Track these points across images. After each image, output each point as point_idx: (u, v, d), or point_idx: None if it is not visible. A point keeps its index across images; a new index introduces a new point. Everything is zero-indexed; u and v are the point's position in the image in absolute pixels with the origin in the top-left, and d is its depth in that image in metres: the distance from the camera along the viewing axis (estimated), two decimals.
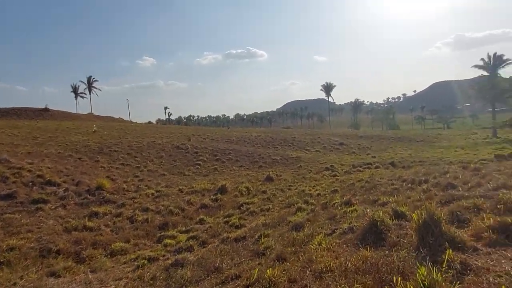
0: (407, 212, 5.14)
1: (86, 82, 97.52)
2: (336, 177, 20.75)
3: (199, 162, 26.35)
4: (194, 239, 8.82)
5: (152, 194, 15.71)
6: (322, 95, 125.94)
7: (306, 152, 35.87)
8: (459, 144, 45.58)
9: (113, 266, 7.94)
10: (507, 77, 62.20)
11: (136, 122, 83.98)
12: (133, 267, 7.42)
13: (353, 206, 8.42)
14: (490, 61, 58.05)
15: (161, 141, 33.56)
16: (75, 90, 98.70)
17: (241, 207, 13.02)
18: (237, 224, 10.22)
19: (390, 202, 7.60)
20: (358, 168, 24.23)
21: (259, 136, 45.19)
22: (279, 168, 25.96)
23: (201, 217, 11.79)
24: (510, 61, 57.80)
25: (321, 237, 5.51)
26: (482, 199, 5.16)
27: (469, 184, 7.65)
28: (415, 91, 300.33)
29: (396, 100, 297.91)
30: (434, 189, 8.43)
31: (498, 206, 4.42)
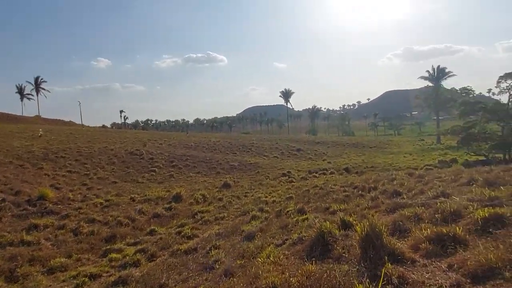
0: (355, 222, 5.20)
1: (33, 83, 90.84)
2: (293, 183, 21.01)
3: (154, 168, 25.45)
4: (142, 252, 8.36)
5: (101, 203, 14.83)
6: (282, 101, 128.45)
7: (264, 158, 36.10)
8: (408, 150, 48.50)
9: (50, 285, 7.27)
10: (449, 88, 67.57)
11: (88, 126, 79.59)
12: (72, 286, 6.85)
13: (306, 214, 8.48)
14: (435, 73, 62.67)
15: (114, 146, 32.02)
16: (20, 91, 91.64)
17: (196, 216, 12.66)
18: (189, 234, 9.87)
19: (340, 210, 7.73)
20: (314, 174, 24.79)
21: (218, 142, 44.78)
22: (237, 174, 25.82)
23: (153, 227, 11.27)
24: (451, 74, 62.88)
25: (270, 248, 5.41)
26: (423, 207, 5.37)
27: (413, 192, 8.02)
28: (368, 99, 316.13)
29: (351, 107, 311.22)
30: (382, 196, 8.74)
31: (436, 216, 4.60)
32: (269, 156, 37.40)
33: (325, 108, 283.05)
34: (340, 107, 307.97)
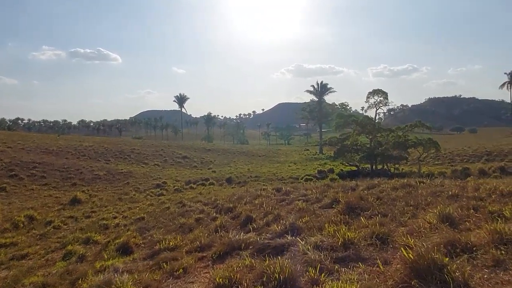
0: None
1: None
2: (161, 196, 18.17)
3: None
4: None
5: None
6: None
7: (143, 166, 32.14)
8: (294, 159, 50.24)
9: None
10: (331, 103, 73.97)
11: None
12: None
13: (125, 256, 5.95)
14: (318, 88, 67.56)
15: None
16: None
17: None
18: None
19: (168, 249, 5.40)
20: (192, 185, 22.34)
21: (91, 147, 38.63)
22: (99, 186, 21.62)
23: None
24: (333, 90, 68.71)
25: None
26: (251, 259, 3.41)
27: (268, 217, 6.23)
28: (263, 109, 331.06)
29: (247, 116, 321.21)
30: (232, 222, 6.78)
31: None
32: (149, 164, 33.54)
33: (222, 116, 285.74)
34: (236, 116, 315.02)
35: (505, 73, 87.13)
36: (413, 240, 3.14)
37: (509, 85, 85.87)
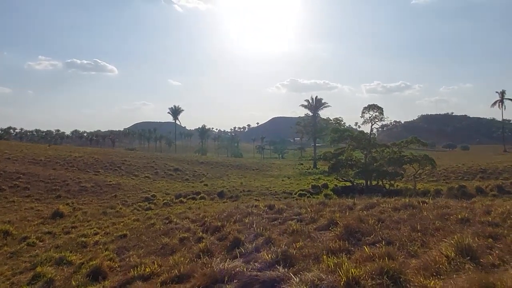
0: None
1: None
2: (150, 210, 17.40)
3: None
4: None
5: None
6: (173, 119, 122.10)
7: (133, 178, 31.25)
8: (287, 173, 49.55)
9: None
10: (325, 118, 73.95)
11: None
12: None
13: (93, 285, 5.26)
14: (313, 103, 67.59)
15: None
16: None
17: None
18: None
19: (142, 277, 4.72)
20: (182, 199, 21.55)
21: (80, 157, 37.67)
22: (85, 199, 20.74)
23: None
24: (327, 105, 68.78)
25: None
26: None
27: (259, 241, 5.59)
28: (258, 123, 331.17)
29: (242, 130, 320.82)
30: (218, 244, 6.13)
31: None
32: (139, 176, 32.65)
33: (216, 129, 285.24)
34: (231, 129, 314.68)
35: (496, 92, 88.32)
36: (432, 281, 2.56)
37: (500, 103, 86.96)
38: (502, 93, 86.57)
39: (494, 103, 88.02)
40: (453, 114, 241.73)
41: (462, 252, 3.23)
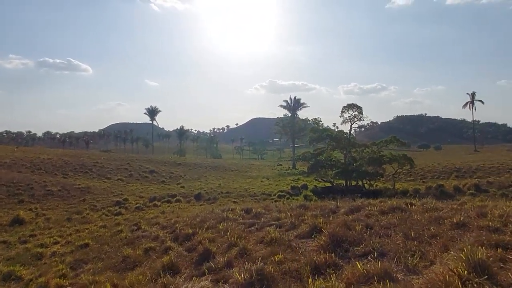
0: None
1: None
2: (120, 215, 16.30)
3: None
4: None
5: None
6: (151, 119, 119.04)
7: (105, 181, 29.76)
8: (266, 174, 49.00)
9: None
10: (304, 118, 74.07)
11: None
12: None
13: None
14: (292, 103, 67.48)
15: None
16: None
17: None
18: None
19: None
20: (156, 202, 20.50)
21: (49, 159, 35.69)
22: (51, 203, 19.34)
23: None
24: (306, 105, 68.86)
25: None
26: None
27: (231, 253, 4.89)
28: (237, 124, 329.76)
29: (221, 130, 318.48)
30: (186, 256, 5.37)
31: None
32: (111, 178, 31.16)
33: (195, 130, 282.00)
34: (210, 130, 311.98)
35: (467, 93, 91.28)
36: None
37: (470, 104, 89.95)
38: (473, 94, 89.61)
39: (465, 104, 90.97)
40: (427, 115, 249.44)
41: (475, 268, 2.64)
